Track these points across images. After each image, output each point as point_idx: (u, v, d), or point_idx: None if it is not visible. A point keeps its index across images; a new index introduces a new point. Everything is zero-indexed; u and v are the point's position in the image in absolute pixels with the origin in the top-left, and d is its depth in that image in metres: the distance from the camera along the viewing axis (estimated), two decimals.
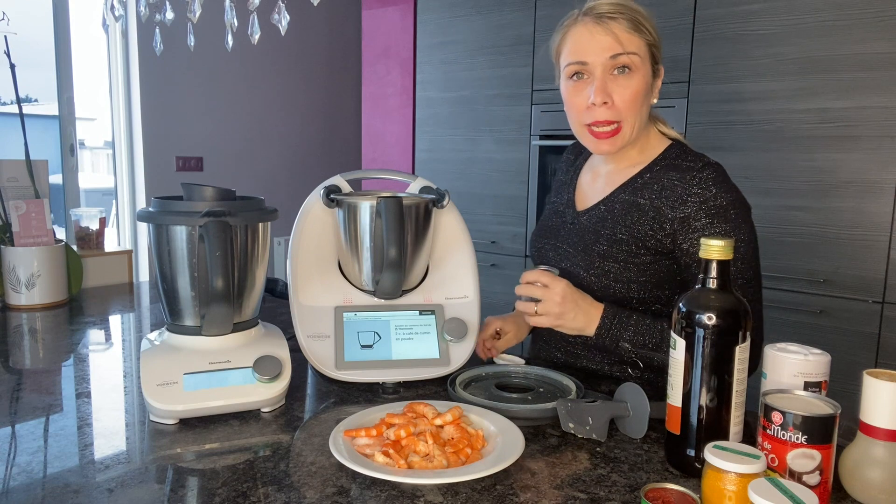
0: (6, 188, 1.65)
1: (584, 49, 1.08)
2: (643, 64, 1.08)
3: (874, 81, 2.09)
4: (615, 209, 1.14)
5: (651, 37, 1.09)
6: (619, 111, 1.08)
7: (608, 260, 1.12)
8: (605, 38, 1.06)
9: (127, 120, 3.25)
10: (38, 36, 2.93)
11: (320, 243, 1.15)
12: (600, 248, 1.13)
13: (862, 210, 2.14)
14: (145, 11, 1.48)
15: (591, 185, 1.23)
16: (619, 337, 1.06)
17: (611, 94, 1.07)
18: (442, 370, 1.08)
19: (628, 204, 1.13)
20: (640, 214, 1.11)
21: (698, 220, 1.05)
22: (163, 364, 0.93)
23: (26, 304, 1.58)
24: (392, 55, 3.65)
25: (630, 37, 1.06)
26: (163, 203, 0.96)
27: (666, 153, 1.14)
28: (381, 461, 0.77)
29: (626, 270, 1.11)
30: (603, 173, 1.22)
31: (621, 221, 1.12)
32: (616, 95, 1.07)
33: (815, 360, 0.79)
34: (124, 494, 0.73)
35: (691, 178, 1.07)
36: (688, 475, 0.78)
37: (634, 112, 1.09)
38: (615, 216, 1.14)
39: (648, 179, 1.13)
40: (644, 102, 1.10)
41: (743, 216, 1.06)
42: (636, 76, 1.07)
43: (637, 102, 1.08)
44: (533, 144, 2.96)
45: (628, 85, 1.07)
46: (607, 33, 1.06)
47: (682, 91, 2.47)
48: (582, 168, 1.29)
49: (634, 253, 1.10)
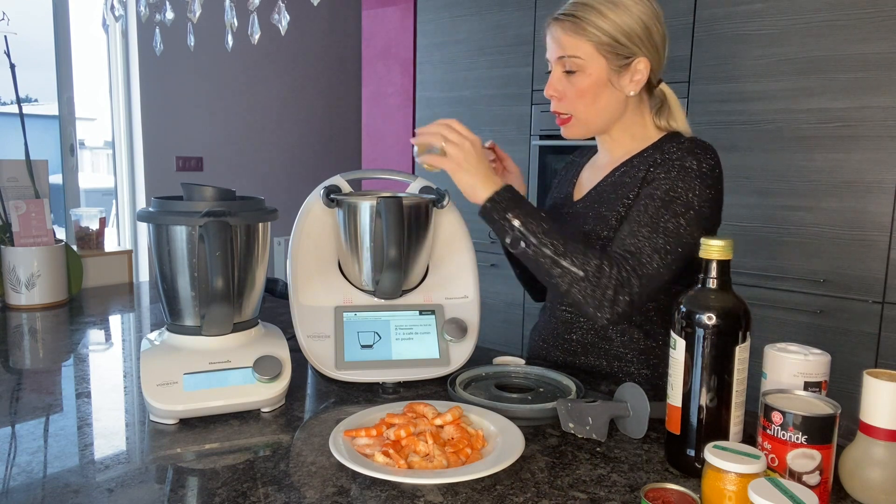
0: (6, 188, 1.65)
1: (547, 47, 1.17)
2: (591, 62, 1.11)
3: (874, 81, 2.09)
4: (604, 191, 1.18)
5: (600, 36, 1.09)
6: (568, 104, 1.14)
7: (594, 238, 1.14)
8: (551, 41, 1.15)
9: (127, 120, 3.25)
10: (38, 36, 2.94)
11: (320, 243, 1.15)
12: (587, 227, 1.16)
13: (862, 210, 2.14)
14: (145, 11, 1.48)
15: (588, 179, 1.26)
16: (508, 209, 1.03)
17: (563, 90, 1.14)
18: (442, 370, 1.08)
19: (615, 184, 1.16)
20: (625, 190, 1.13)
21: (658, 173, 1.08)
22: (163, 364, 0.93)
23: (26, 304, 1.58)
24: (392, 55, 3.65)
25: (571, 39, 1.11)
26: (163, 203, 0.96)
27: (658, 142, 1.16)
28: (381, 461, 0.77)
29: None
30: (598, 164, 1.26)
31: (606, 200, 1.16)
32: (568, 91, 1.14)
33: (815, 360, 0.79)
34: (124, 494, 0.73)
35: (671, 147, 1.10)
36: (688, 475, 0.78)
37: (585, 106, 1.14)
38: (602, 197, 1.17)
39: (637, 163, 1.15)
40: (599, 96, 1.12)
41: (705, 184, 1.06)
42: (581, 75, 1.12)
43: (586, 98, 1.13)
44: (533, 144, 2.96)
45: (574, 83, 1.13)
46: (552, 36, 1.14)
47: (682, 91, 2.47)
48: (584, 165, 1.31)
49: (616, 228, 1.12)
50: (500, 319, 3.25)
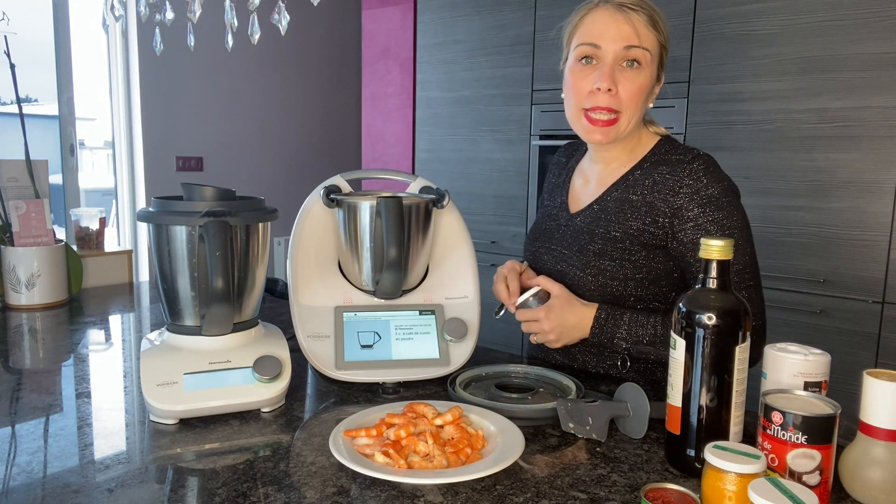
0: (6, 188, 1.65)
1: (601, 33, 1.08)
2: (652, 62, 1.09)
3: (874, 81, 2.09)
4: (608, 207, 1.15)
5: (663, 37, 1.10)
6: (622, 102, 1.08)
7: (603, 258, 1.12)
8: (624, 26, 1.07)
9: (127, 120, 3.25)
10: (38, 36, 2.93)
11: (320, 243, 1.15)
12: (595, 247, 1.14)
13: (862, 210, 2.14)
14: (145, 11, 1.48)
15: (583, 188, 1.24)
16: (613, 334, 1.08)
17: (616, 84, 1.08)
18: (442, 370, 1.08)
19: (620, 201, 1.14)
20: (633, 210, 1.12)
21: (691, 211, 1.07)
22: (163, 364, 0.93)
23: (26, 304, 1.58)
24: (392, 55, 3.65)
25: (647, 32, 1.08)
26: (163, 203, 0.96)
27: (655, 149, 1.16)
28: (381, 461, 0.77)
29: (622, 268, 1.11)
30: (594, 175, 1.22)
31: (614, 219, 1.13)
32: (621, 86, 1.08)
33: (815, 360, 0.79)
34: (124, 494, 0.73)
35: (682, 171, 1.09)
36: (688, 475, 0.78)
37: (634, 107, 1.09)
38: (608, 214, 1.14)
39: (639, 176, 1.14)
40: (645, 100, 1.11)
41: (734, 203, 1.08)
42: (644, 72, 1.08)
43: (639, 98, 1.09)
44: (533, 144, 2.96)
45: (635, 79, 1.08)
46: (627, 23, 1.07)
47: (682, 91, 2.47)
48: (573, 171, 1.28)
49: (629, 250, 1.11)
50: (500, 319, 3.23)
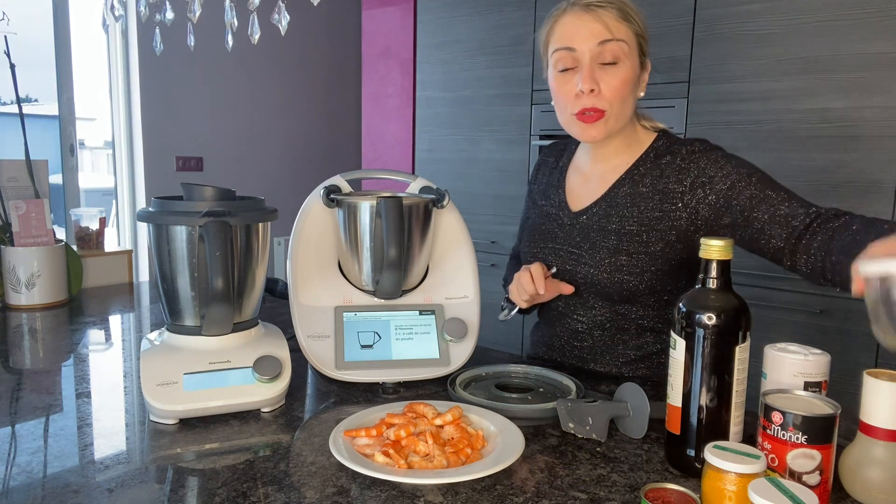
0: (6, 188, 1.65)
1: (572, 35, 1.09)
2: (631, 53, 1.09)
3: (874, 81, 2.09)
4: (619, 203, 1.15)
5: (638, 27, 1.10)
6: (606, 99, 1.08)
7: (618, 254, 1.12)
8: (594, 24, 1.07)
9: (127, 120, 3.25)
10: (38, 36, 2.93)
11: (320, 243, 1.15)
12: (609, 243, 1.13)
13: (862, 210, 2.12)
14: (145, 11, 1.48)
15: (583, 186, 1.22)
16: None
17: (598, 83, 1.08)
18: (442, 370, 1.08)
19: (631, 195, 1.14)
20: (646, 201, 1.12)
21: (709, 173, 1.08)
22: (163, 364, 0.93)
23: (26, 304, 1.58)
24: (392, 55, 3.65)
25: (619, 24, 1.07)
26: (163, 203, 0.96)
27: (654, 144, 1.16)
28: (381, 461, 0.77)
29: (638, 261, 1.11)
30: (594, 173, 1.21)
31: (628, 213, 1.13)
32: (603, 84, 1.08)
33: (815, 360, 0.79)
34: (124, 494, 0.73)
35: (685, 152, 1.11)
36: (688, 475, 0.78)
37: (621, 101, 1.09)
38: (620, 210, 1.14)
39: (644, 170, 1.14)
40: (631, 93, 1.11)
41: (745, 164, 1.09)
42: (624, 65, 1.08)
43: (624, 91, 1.09)
44: (533, 144, 2.96)
45: (616, 74, 1.08)
46: (597, 20, 1.07)
47: (682, 91, 2.47)
48: (567, 170, 1.27)
49: (645, 242, 1.11)
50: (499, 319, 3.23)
